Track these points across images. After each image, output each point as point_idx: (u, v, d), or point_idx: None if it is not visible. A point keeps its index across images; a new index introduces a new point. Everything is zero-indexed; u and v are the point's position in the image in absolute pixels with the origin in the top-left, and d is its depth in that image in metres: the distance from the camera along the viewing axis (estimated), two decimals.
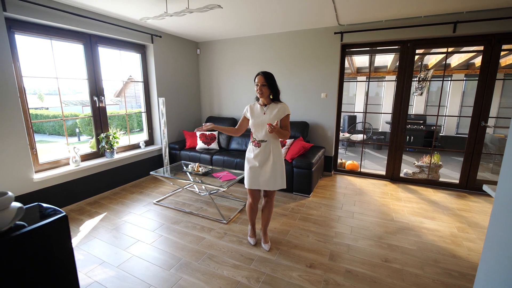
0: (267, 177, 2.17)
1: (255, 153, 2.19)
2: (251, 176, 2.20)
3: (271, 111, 2.14)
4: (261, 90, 2.08)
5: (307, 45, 4.10)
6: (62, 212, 0.99)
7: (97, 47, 3.45)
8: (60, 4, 2.87)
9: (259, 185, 2.20)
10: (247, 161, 2.25)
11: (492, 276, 1.03)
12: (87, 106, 7.31)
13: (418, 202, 3.34)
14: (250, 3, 2.91)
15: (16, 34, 2.68)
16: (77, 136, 11.78)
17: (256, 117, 2.17)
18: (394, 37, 3.62)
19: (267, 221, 2.39)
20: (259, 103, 2.20)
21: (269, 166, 2.17)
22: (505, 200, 0.98)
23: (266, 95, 2.12)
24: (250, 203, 2.34)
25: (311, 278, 1.98)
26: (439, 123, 7.52)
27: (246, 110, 2.25)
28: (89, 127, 6.91)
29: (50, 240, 0.93)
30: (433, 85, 8.06)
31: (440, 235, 2.59)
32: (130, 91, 14.54)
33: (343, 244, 2.43)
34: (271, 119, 2.11)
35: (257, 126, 2.17)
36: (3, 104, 2.48)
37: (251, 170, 2.20)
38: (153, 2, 2.82)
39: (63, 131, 11.76)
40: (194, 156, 4.25)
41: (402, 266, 2.12)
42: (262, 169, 2.17)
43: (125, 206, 3.24)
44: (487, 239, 1.08)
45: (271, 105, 2.16)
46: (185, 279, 1.98)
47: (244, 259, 2.21)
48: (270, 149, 2.17)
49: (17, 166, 2.64)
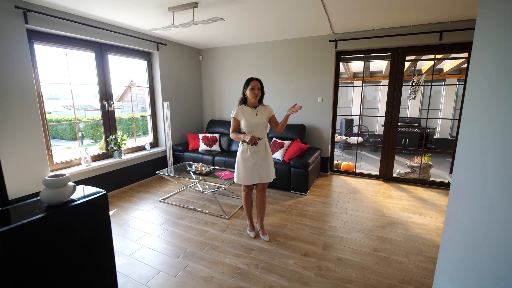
0: (265, 170, 2.41)
1: (252, 151, 2.37)
2: (251, 174, 2.39)
3: (261, 112, 2.41)
4: (257, 93, 2.34)
5: (304, 52, 4.35)
6: (103, 191, 1.27)
7: (107, 54, 3.69)
8: (75, 16, 3.12)
9: (260, 179, 2.42)
10: (243, 161, 2.40)
11: (451, 248, 1.25)
12: (89, 110, 7.49)
13: (408, 200, 3.54)
14: (251, 14, 3.16)
15: (35, 44, 2.93)
16: (80, 140, 12.05)
17: (251, 119, 2.37)
18: (385, 45, 3.86)
19: (263, 214, 2.61)
20: (247, 106, 2.42)
21: (266, 160, 2.41)
22: (459, 184, 1.19)
23: (258, 98, 2.39)
24: (246, 194, 2.56)
25: (305, 265, 2.18)
26: (434, 126, 7.74)
27: (236, 113, 2.40)
28: (92, 131, 7.13)
29: (95, 210, 1.21)
30: (428, 89, 8.30)
31: (426, 228, 2.80)
32: (131, 95, 14.79)
33: (336, 236, 2.64)
34: (263, 119, 2.40)
35: (253, 126, 2.37)
36: (24, 108, 2.72)
37: (251, 168, 2.38)
38: (161, 14, 3.07)
39: (65, 135, 11.99)
40: (197, 157, 4.47)
41: (388, 254, 2.33)
42: (261, 164, 2.39)
43: (132, 204, 3.45)
44: (447, 216, 1.29)
45: (260, 107, 2.43)
46: (191, 265, 2.18)
47: (244, 249, 2.42)
48: (265, 145, 2.42)
49: (35, 165, 2.86)
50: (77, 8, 2.92)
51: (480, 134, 1.08)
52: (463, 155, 1.19)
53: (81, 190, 1.31)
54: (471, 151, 1.13)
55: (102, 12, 3.05)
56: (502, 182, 0.92)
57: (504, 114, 0.94)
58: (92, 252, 1.28)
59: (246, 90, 2.39)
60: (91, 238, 1.26)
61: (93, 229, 1.27)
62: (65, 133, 12.98)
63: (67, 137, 12.17)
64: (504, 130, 0.93)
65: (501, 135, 0.95)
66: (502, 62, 0.97)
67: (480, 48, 1.12)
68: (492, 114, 1.01)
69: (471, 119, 1.16)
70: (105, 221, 1.31)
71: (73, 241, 1.18)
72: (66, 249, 1.15)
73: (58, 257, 1.13)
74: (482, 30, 1.11)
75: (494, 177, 0.97)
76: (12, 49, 2.60)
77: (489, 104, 1.04)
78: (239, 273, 2.09)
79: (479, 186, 1.05)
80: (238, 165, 2.44)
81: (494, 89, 1.01)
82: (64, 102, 4.95)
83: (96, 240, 1.29)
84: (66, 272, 1.16)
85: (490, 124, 1.02)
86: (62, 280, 1.15)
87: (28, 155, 2.80)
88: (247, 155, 2.39)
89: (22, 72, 2.68)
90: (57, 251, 1.12)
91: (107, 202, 1.32)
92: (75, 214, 1.17)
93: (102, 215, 1.29)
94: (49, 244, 1.08)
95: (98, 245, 1.30)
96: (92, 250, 1.27)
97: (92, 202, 1.23)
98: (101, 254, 1.33)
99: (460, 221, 1.15)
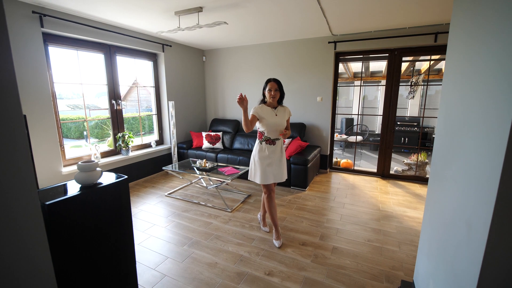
0: (279, 170, 2.44)
1: (270, 151, 2.39)
2: (267, 173, 2.39)
3: (281, 113, 2.42)
4: (275, 94, 2.35)
5: (304, 53, 4.50)
6: (124, 176, 1.49)
7: (116, 56, 3.87)
8: (87, 20, 3.30)
9: (274, 178, 2.43)
10: (260, 159, 2.40)
11: (427, 228, 1.39)
12: (93, 110, 7.69)
13: (404, 195, 3.68)
14: (253, 17, 3.32)
15: (49, 46, 3.10)
16: (85, 139, 12.34)
17: (270, 118, 2.36)
18: (383, 46, 4.00)
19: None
20: (266, 106, 2.42)
21: (281, 160, 2.45)
22: (435, 175, 1.34)
23: (277, 99, 2.40)
24: (267, 196, 2.48)
25: (303, 253, 2.34)
26: (434, 125, 7.84)
27: (255, 111, 2.37)
28: (97, 130, 7.30)
29: (118, 192, 1.41)
30: (428, 88, 8.40)
31: (419, 221, 2.94)
32: (134, 95, 15.09)
33: (333, 228, 2.79)
34: (282, 120, 2.40)
35: (272, 126, 2.37)
36: (40, 107, 2.90)
37: (266, 167, 2.39)
38: (167, 17, 3.24)
39: (70, 134, 12.25)
40: (201, 154, 4.64)
41: (382, 244, 2.48)
42: (276, 164, 2.42)
43: (140, 198, 3.63)
44: (426, 202, 1.44)
45: (279, 107, 2.44)
46: (197, 253, 2.35)
47: (246, 239, 2.58)
48: (281, 146, 2.47)
49: (50, 160, 3.05)
50: (89, 12, 3.09)
51: (451, 129, 1.23)
52: (439, 147, 1.34)
53: (107, 176, 1.53)
54: (444, 144, 1.28)
55: (112, 16, 3.23)
56: (464, 171, 1.06)
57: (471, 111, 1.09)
58: (116, 228, 1.49)
59: (265, 91, 2.40)
60: (115, 216, 1.47)
61: (116, 208, 1.47)
62: (70, 132, 13.27)
63: (72, 136, 12.40)
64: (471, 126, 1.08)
65: (468, 130, 1.09)
66: (471, 61, 1.12)
67: (453, 48, 1.26)
68: (459, 111, 1.16)
69: (445, 115, 1.30)
70: (126, 202, 1.51)
71: (101, 217, 1.40)
72: (96, 222, 1.37)
73: (91, 229, 1.35)
74: (455, 34, 1.25)
75: (462, 168, 1.11)
76: (30, 51, 2.79)
77: (458, 102, 1.18)
78: (241, 260, 2.25)
79: (448, 175, 1.20)
80: (254, 163, 2.45)
81: (465, 86, 1.15)
82: (68, 101, 5.14)
83: (119, 217, 1.50)
84: (98, 242, 1.39)
85: (459, 120, 1.16)
86: (94, 249, 1.38)
87: (44, 151, 2.98)
88: (265, 154, 2.39)
89: (38, 73, 2.87)
90: (90, 224, 1.34)
91: (127, 186, 1.52)
92: (103, 194, 1.37)
93: (124, 196, 1.49)
94: (83, 217, 1.31)
95: (120, 223, 1.51)
96: (116, 226, 1.49)
97: (116, 185, 1.43)
98: (123, 230, 1.54)
99: (434, 205, 1.30)
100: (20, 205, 0.74)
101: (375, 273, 2.08)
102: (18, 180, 0.73)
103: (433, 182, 1.38)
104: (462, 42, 1.20)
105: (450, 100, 1.27)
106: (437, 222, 1.25)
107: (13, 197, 0.72)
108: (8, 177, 0.71)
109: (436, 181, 1.35)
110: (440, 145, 1.35)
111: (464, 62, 1.17)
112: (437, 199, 1.32)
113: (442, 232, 1.18)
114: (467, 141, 1.04)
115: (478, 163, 0.91)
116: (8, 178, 0.71)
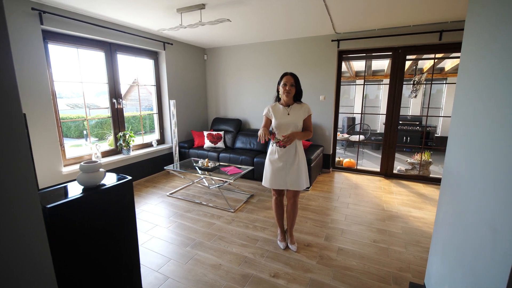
0: (294, 176, 2.17)
1: (280, 154, 2.18)
2: (277, 176, 2.20)
3: (295, 112, 2.16)
4: (290, 90, 2.10)
5: (307, 52, 4.45)
6: (129, 177, 1.45)
7: (116, 54, 3.82)
8: (87, 17, 3.24)
9: (286, 185, 2.20)
10: (270, 163, 2.23)
11: (441, 228, 1.36)
12: (93, 109, 7.63)
13: (408, 195, 3.65)
14: (256, 15, 3.27)
15: (49, 44, 3.05)
16: (85, 138, 12.28)
17: (281, 118, 2.14)
18: (386, 44, 3.96)
19: (293, 222, 2.39)
20: (280, 103, 2.20)
21: (295, 165, 2.17)
22: (449, 175, 1.30)
23: (292, 95, 2.14)
24: (275, 199, 2.37)
25: (308, 254, 2.30)
26: (436, 124, 7.81)
27: (267, 111, 2.20)
28: (97, 129, 7.26)
29: (122, 193, 1.38)
30: (430, 87, 8.37)
31: (425, 221, 2.90)
32: (134, 94, 15.03)
33: (338, 228, 2.75)
34: (296, 119, 2.14)
35: (282, 127, 2.15)
36: (40, 105, 2.85)
37: (275, 171, 2.20)
38: (169, 15, 3.19)
39: (70, 133, 12.17)
40: (202, 154, 4.59)
41: (388, 245, 2.44)
42: (289, 169, 2.18)
43: (141, 198, 3.58)
44: (439, 202, 1.40)
45: (294, 105, 2.18)
46: (200, 254, 2.31)
47: (250, 240, 2.54)
48: (296, 149, 2.19)
49: (50, 160, 3.00)
50: (89, 9, 3.04)
51: (468, 128, 1.19)
52: (454, 147, 1.30)
53: (111, 176, 1.48)
54: (460, 144, 1.24)
55: (113, 13, 3.18)
56: (483, 171, 1.02)
57: (489, 110, 1.05)
58: (120, 230, 1.46)
59: (279, 86, 2.16)
60: (119, 218, 1.44)
61: (121, 210, 1.44)
62: (69, 131, 13.20)
63: (72, 135, 12.32)
64: (489, 125, 1.04)
65: (486, 129, 1.05)
66: (488, 61, 1.08)
67: (468, 48, 1.22)
68: (476, 109, 1.12)
69: (461, 114, 1.26)
70: (130, 204, 1.47)
71: (105, 220, 1.37)
72: (100, 225, 1.34)
73: (94, 232, 1.31)
74: (470, 32, 1.21)
75: (478, 167, 1.07)
76: (29, 49, 2.73)
77: (475, 101, 1.14)
78: (245, 261, 2.21)
79: (465, 175, 1.16)
80: (266, 166, 2.29)
81: (480, 87, 1.11)
82: (68, 100, 5.09)
83: (124, 219, 1.47)
84: (102, 246, 1.36)
85: (476, 119, 1.12)
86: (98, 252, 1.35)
87: (44, 150, 2.93)
88: (275, 157, 2.20)
89: (38, 71, 2.82)
90: (93, 227, 1.30)
91: (132, 187, 1.48)
92: (107, 196, 1.33)
93: (128, 197, 1.46)
94: (86, 220, 1.27)
95: (125, 225, 1.48)
96: (120, 228, 1.45)
97: (120, 186, 1.40)
98: (127, 232, 1.51)
99: (447, 206, 1.27)
100: (20, 205, 0.71)
101: (382, 275, 2.04)
102: (18, 181, 0.70)
103: (446, 182, 1.34)
104: (479, 38, 1.15)
105: (466, 98, 1.23)
106: (453, 224, 1.21)
107: (13, 198, 0.68)
108: (8, 177, 0.67)
109: (450, 181, 1.31)
110: (454, 144, 1.31)
111: (480, 59, 1.13)
112: (451, 200, 1.28)
113: (459, 235, 1.14)
114: (485, 140, 1.00)
115: (498, 162, 0.87)
116: (9, 178, 0.67)
